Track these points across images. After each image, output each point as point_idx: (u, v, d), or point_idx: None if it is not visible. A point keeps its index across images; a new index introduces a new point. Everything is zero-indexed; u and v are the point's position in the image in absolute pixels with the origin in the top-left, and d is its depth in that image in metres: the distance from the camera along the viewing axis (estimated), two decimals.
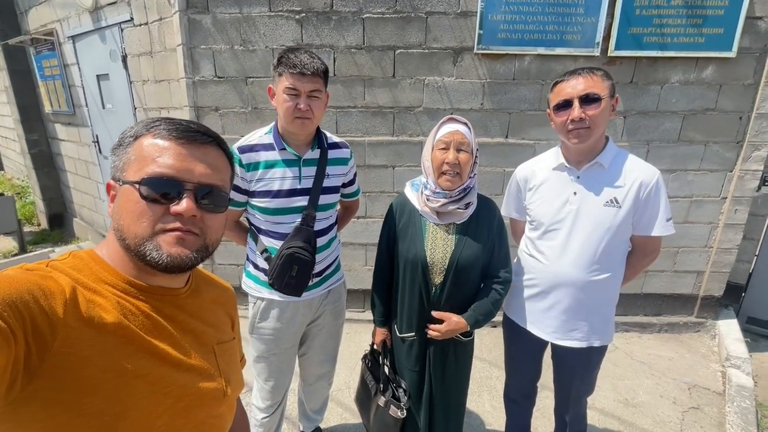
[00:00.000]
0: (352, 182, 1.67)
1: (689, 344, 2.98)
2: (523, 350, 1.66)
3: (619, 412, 2.30)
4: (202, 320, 0.75)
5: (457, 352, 1.50)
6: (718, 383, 2.57)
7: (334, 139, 1.57)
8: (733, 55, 2.56)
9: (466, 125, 1.35)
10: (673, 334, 3.09)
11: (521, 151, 2.77)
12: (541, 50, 2.59)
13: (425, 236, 1.42)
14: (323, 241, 1.53)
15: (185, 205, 0.62)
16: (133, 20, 3.08)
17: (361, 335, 2.94)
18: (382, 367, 1.60)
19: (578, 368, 1.55)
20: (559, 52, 2.59)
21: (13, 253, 4.50)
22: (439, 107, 2.73)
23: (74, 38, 3.78)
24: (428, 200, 1.40)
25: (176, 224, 0.62)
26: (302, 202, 1.45)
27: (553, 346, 1.56)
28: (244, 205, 1.47)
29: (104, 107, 3.79)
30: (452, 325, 1.39)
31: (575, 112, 1.28)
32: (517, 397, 1.79)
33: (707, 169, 2.81)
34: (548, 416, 2.15)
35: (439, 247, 1.40)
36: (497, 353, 2.73)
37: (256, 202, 1.43)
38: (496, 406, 2.31)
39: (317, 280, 1.55)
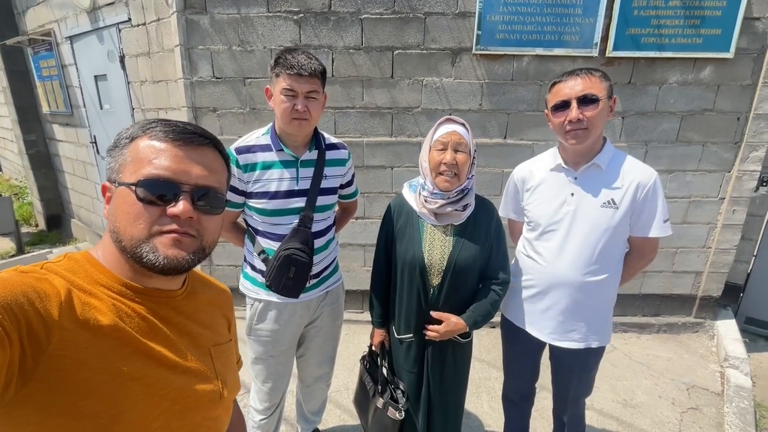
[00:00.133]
0: (350, 183, 1.67)
1: (688, 344, 2.98)
2: (521, 351, 1.66)
3: (617, 412, 2.30)
4: (198, 322, 0.74)
5: (455, 353, 1.49)
6: (716, 384, 2.57)
7: (332, 140, 1.56)
8: (730, 55, 2.56)
9: (463, 126, 1.35)
10: (671, 334, 3.09)
11: (520, 151, 2.77)
12: (539, 51, 2.59)
13: (423, 238, 1.41)
14: (321, 242, 1.53)
15: (182, 206, 0.62)
16: (130, 21, 3.08)
17: (359, 336, 2.94)
18: (380, 368, 1.60)
19: (576, 369, 1.55)
20: (557, 52, 2.59)
21: (10, 254, 4.48)
22: (437, 108, 2.73)
23: (72, 39, 3.77)
24: (426, 201, 1.39)
25: (173, 226, 0.62)
26: (300, 203, 1.44)
27: (550, 347, 1.56)
28: (241, 206, 1.47)
29: (102, 108, 3.78)
30: (451, 325, 1.39)
31: (573, 112, 1.28)
32: (515, 398, 1.79)
33: (705, 169, 2.82)
34: (547, 417, 2.14)
35: (436, 248, 1.40)
36: (496, 354, 2.73)
37: (253, 203, 1.43)
38: (494, 407, 2.31)
39: (315, 281, 1.54)
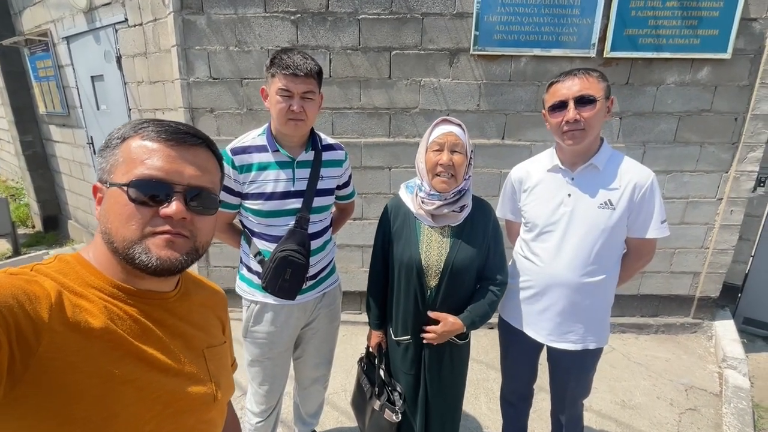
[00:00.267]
0: (347, 184, 1.66)
1: (686, 345, 2.98)
2: (518, 352, 1.65)
3: (616, 413, 2.30)
4: (191, 324, 0.73)
5: (452, 355, 1.48)
6: (714, 384, 2.57)
7: (328, 140, 1.55)
8: (728, 56, 2.56)
9: (459, 126, 1.34)
10: (669, 335, 3.09)
11: (517, 152, 2.76)
12: (537, 51, 2.59)
13: (420, 239, 1.40)
14: (317, 243, 1.52)
15: (175, 207, 0.61)
16: (127, 21, 3.07)
17: (358, 338, 2.93)
18: (377, 370, 1.59)
19: (573, 370, 1.55)
20: (555, 53, 2.59)
21: (6, 255, 4.46)
22: (435, 108, 2.73)
23: (68, 39, 3.75)
24: (423, 203, 1.39)
25: (166, 227, 0.61)
26: (296, 204, 1.43)
27: (548, 348, 1.55)
28: (237, 207, 1.46)
29: (99, 108, 3.77)
30: (448, 325, 1.38)
31: (570, 113, 1.28)
32: (513, 399, 1.78)
33: (703, 170, 2.82)
34: (545, 418, 2.13)
35: (434, 250, 1.39)
36: (494, 355, 2.72)
37: (249, 204, 1.42)
38: (492, 408, 2.30)
39: (312, 283, 1.53)
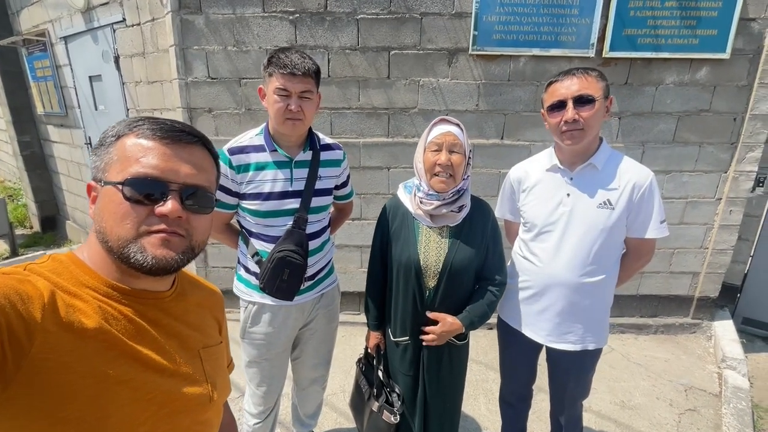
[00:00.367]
0: (345, 184, 1.65)
1: (685, 345, 2.97)
2: (517, 353, 1.65)
3: (615, 414, 2.29)
4: (187, 324, 0.73)
5: (451, 356, 1.47)
6: (714, 384, 2.56)
7: (326, 140, 1.55)
8: (726, 56, 2.56)
9: (458, 126, 1.34)
10: (669, 335, 3.09)
11: (516, 152, 2.76)
12: (536, 51, 2.58)
13: (418, 239, 1.40)
14: (316, 244, 1.51)
15: (170, 206, 0.60)
16: (125, 21, 3.06)
17: (356, 338, 2.92)
18: (375, 371, 1.58)
19: (573, 371, 1.54)
20: (554, 53, 2.58)
21: (4, 256, 4.44)
22: (434, 108, 2.72)
23: (66, 39, 3.74)
24: (421, 203, 1.38)
25: (161, 226, 0.61)
26: (294, 204, 1.43)
27: (547, 349, 1.55)
28: (234, 207, 1.45)
29: (97, 108, 3.76)
30: (447, 325, 1.37)
31: (569, 113, 1.27)
32: (512, 400, 1.78)
33: (702, 170, 2.82)
34: (544, 419, 2.13)
35: (432, 250, 1.38)
36: (493, 356, 2.71)
37: (246, 204, 1.41)
38: (492, 409, 2.29)
39: (310, 283, 1.53)
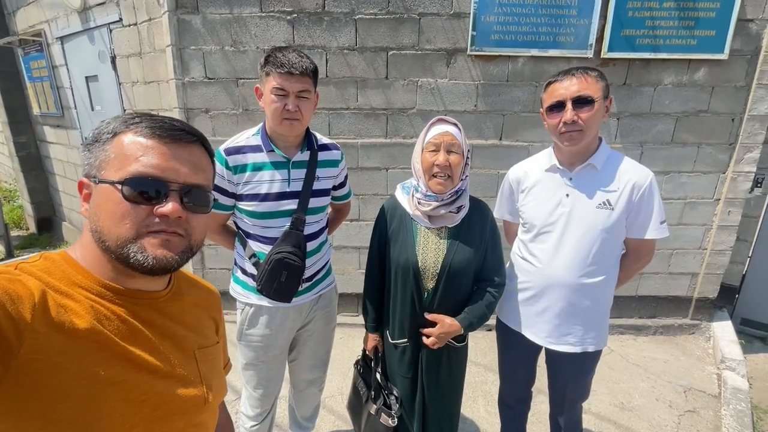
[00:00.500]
0: (343, 184, 1.64)
1: (684, 346, 2.97)
2: (517, 355, 1.63)
3: (615, 416, 2.28)
4: (182, 324, 0.72)
5: (450, 358, 1.46)
6: (713, 386, 2.56)
7: (324, 140, 1.53)
8: (725, 57, 2.56)
9: (456, 126, 1.33)
10: (667, 336, 3.08)
11: (515, 153, 2.75)
12: (534, 52, 2.58)
13: (417, 240, 1.39)
14: (313, 245, 1.49)
15: (171, 206, 0.60)
16: (122, 21, 3.04)
17: (355, 340, 2.91)
18: (373, 373, 1.57)
19: (572, 373, 1.53)
20: (552, 53, 2.58)
21: None
22: (432, 109, 2.71)
23: (63, 39, 3.72)
24: (419, 204, 1.37)
25: (162, 226, 0.61)
26: (291, 205, 1.41)
27: (546, 350, 1.53)
28: (231, 208, 1.44)
29: (93, 109, 3.73)
30: (445, 327, 1.36)
31: (568, 114, 1.26)
32: (511, 402, 1.76)
33: (700, 170, 2.81)
34: (543, 421, 2.12)
35: (430, 251, 1.37)
36: (492, 357, 2.70)
37: (243, 205, 1.40)
38: (491, 411, 2.28)
39: (307, 285, 1.51)
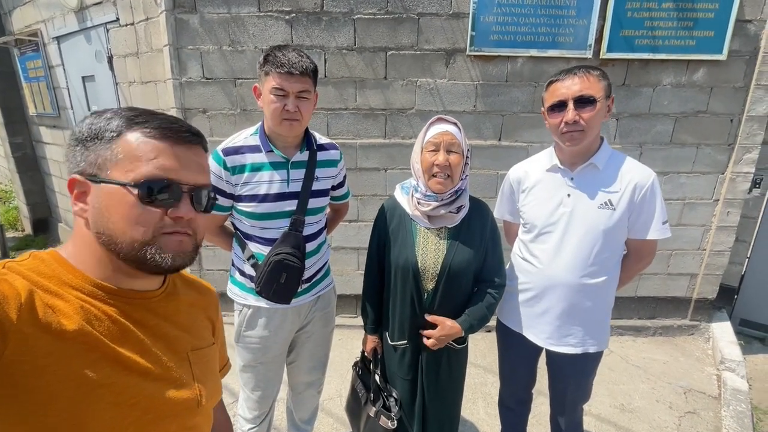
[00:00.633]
0: (341, 184, 1.63)
1: (683, 347, 2.97)
2: (517, 356, 1.62)
3: (615, 417, 2.27)
4: (176, 325, 0.71)
5: (450, 359, 1.45)
6: (713, 387, 2.55)
7: (323, 140, 1.52)
8: (723, 57, 2.57)
9: (455, 125, 1.32)
10: (667, 337, 3.08)
11: (514, 153, 2.74)
12: (533, 52, 2.58)
13: (416, 241, 1.37)
14: (312, 246, 1.48)
15: (186, 209, 0.62)
16: (119, 20, 3.02)
17: (353, 341, 2.89)
18: (372, 375, 1.55)
19: (573, 375, 1.52)
20: (551, 54, 2.58)
21: None
22: (431, 109, 2.70)
23: (59, 39, 3.70)
24: (419, 204, 1.36)
25: (176, 227, 0.62)
26: (291, 206, 1.40)
27: (547, 352, 1.52)
28: (229, 209, 1.42)
29: (90, 109, 3.71)
30: (446, 329, 1.35)
31: (569, 114, 1.25)
32: (512, 404, 1.75)
33: (699, 171, 2.81)
34: (544, 423, 2.10)
35: (430, 252, 1.36)
36: (492, 359, 2.69)
37: (242, 206, 1.38)
38: (491, 413, 2.27)
39: (306, 286, 1.50)
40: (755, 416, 2.32)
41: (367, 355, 1.59)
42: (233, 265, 1.52)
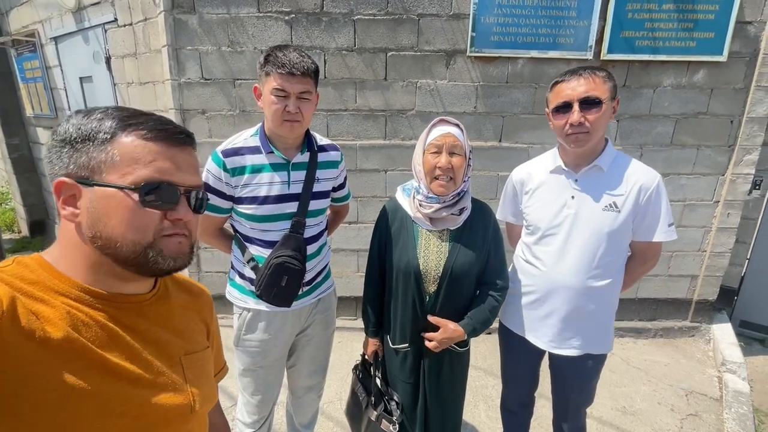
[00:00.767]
0: (342, 186, 1.61)
1: (684, 349, 2.96)
2: (520, 359, 1.61)
3: (617, 420, 2.26)
4: (168, 329, 0.69)
5: (452, 362, 1.44)
6: (714, 389, 2.54)
7: (323, 141, 1.51)
8: (723, 59, 2.57)
9: (458, 126, 1.30)
10: (668, 339, 3.07)
11: (515, 154, 2.73)
12: (534, 53, 2.57)
13: (418, 243, 1.36)
14: (313, 248, 1.46)
15: (185, 211, 0.62)
16: (117, 21, 3.00)
17: (353, 344, 2.87)
18: (373, 379, 1.53)
19: (576, 378, 1.51)
20: (552, 55, 2.57)
21: None
22: (431, 110, 2.69)
23: (56, 39, 3.67)
24: (421, 206, 1.34)
25: (175, 229, 0.62)
26: (291, 208, 1.38)
27: (550, 355, 1.51)
28: (228, 211, 1.40)
29: None
30: (449, 332, 1.33)
31: (575, 116, 1.24)
32: (514, 407, 1.74)
33: (700, 172, 2.81)
34: (546, 426, 2.09)
35: (432, 254, 1.34)
36: (492, 361, 2.68)
37: (242, 209, 1.36)
38: (491, 416, 2.25)
39: (307, 288, 1.48)
40: (757, 419, 2.31)
41: (368, 358, 1.57)
42: (233, 267, 1.50)
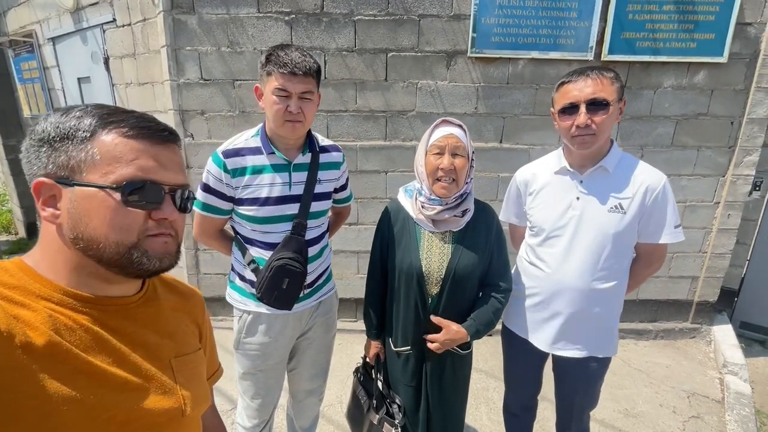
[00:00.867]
0: (344, 187, 1.60)
1: (685, 350, 2.95)
2: (523, 362, 1.60)
3: (619, 423, 2.25)
4: (157, 331, 0.67)
5: (455, 365, 1.42)
6: (716, 390, 2.54)
7: (324, 142, 1.49)
8: (724, 60, 2.57)
9: (460, 127, 1.29)
10: (668, 340, 3.06)
11: (516, 156, 2.72)
12: (534, 54, 2.56)
13: (420, 245, 1.34)
14: (314, 250, 1.45)
15: (170, 210, 0.61)
16: (115, 21, 2.98)
17: (353, 346, 2.85)
18: (375, 382, 1.52)
19: (581, 381, 1.49)
20: (552, 56, 2.57)
21: None
22: (432, 111, 2.68)
23: (54, 40, 3.65)
24: (423, 207, 1.33)
25: (161, 229, 0.61)
26: (293, 209, 1.37)
27: (554, 357, 1.50)
28: (229, 213, 1.39)
29: None
30: (451, 333, 1.32)
31: (581, 117, 1.23)
32: (517, 410, 1.72)
33: (700, 174, 2.81)
34: (548, 429, 2.08)
35: (434, 256, 1.33)
36: (494, 363, 2.66)
37: (243, 210, 1.35)
38: (494, 419, 2.23)
39: (308, 291, 1.46)
40: (759, 420, 2.30)
41: (369, 361, 1.55)
42: (233, 270, 1.48)
